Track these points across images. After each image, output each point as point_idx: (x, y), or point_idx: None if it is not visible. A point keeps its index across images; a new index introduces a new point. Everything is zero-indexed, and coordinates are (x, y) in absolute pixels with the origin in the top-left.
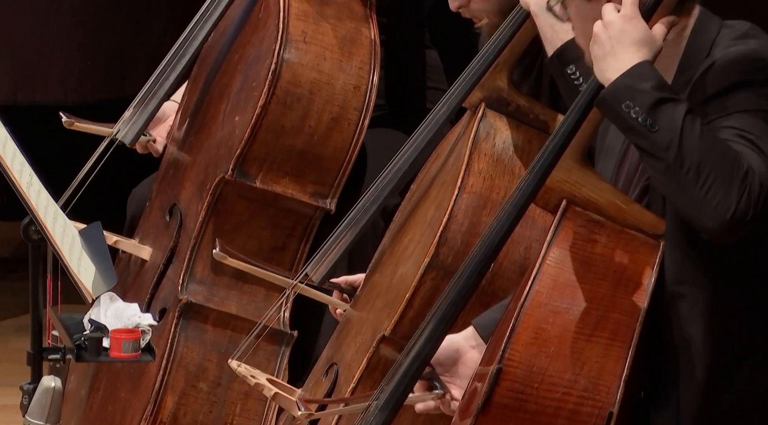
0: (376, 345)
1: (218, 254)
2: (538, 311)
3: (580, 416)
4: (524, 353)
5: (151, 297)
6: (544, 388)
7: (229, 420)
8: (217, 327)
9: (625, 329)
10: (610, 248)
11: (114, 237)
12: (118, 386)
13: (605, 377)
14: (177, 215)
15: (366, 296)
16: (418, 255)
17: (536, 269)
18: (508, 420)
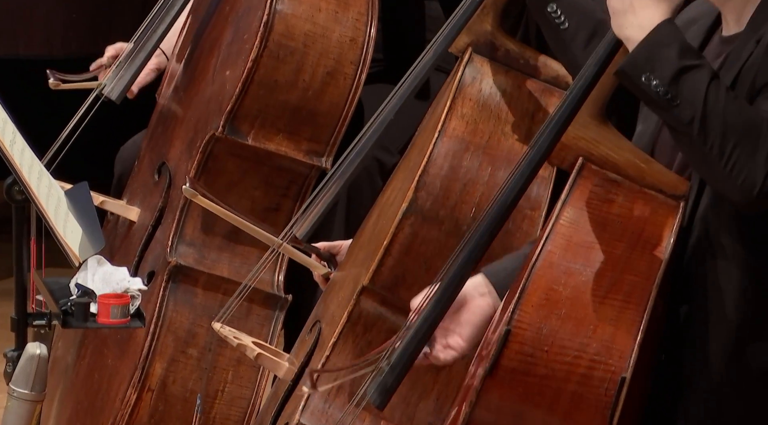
0: (356, 298)
1: (187, 191)
2: (550, 272)
3: (591, 381)
4: (534, 315)
5: (139, 260)
6: (555, 351)
7: (221, 387)
8: (208, 290)
9: (640, 291)
10: (627, 208)
11: (100, 197)
12: (104, 352)
13: (619, 341)
14: (166, 175)
15: (350, 252)
16: (398, 202)
17: (549, 228)
18: (516, 384)
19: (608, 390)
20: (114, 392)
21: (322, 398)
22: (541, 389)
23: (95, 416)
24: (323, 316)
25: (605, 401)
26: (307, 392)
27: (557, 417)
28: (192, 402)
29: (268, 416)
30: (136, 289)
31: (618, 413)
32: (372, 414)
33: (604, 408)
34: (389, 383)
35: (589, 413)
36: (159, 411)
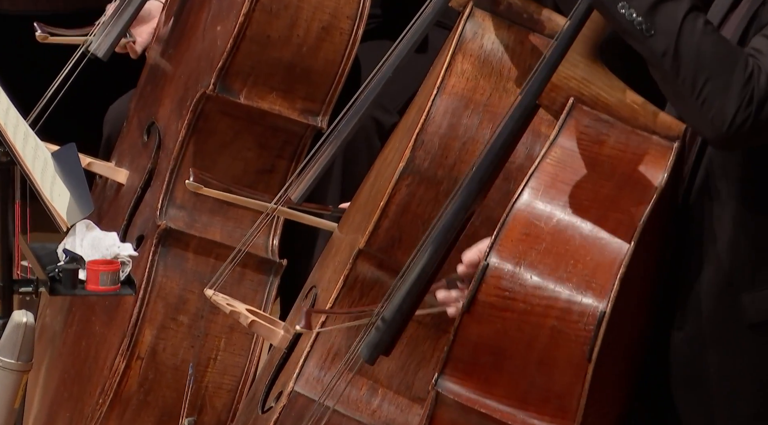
0: (352, 262)
1: (192, 185)
2: (532, 208)
3: (570, 316)
4: (513, 249)
5: (128, 224)
6: (533, 286)
7: (213, 355)
8: (199, 255)
9: (625, 228)
10: (618, 149)
11: (87, 159)
12: (92, 320)
13: (599, 276)
14: (155, 135)
15: (348, 215)
16: (395, 162)
17: (534, 166)
18: (494, 320)
19: (587, 324)
20: (102, 360)
21: (317, 365)
22: (520, 324)
23: (83, 385)
24: (319, 281)
25: (584, 336)
26: (299, 330)
27: (536, 353)
28: (183, 371)
29: (262, 385)
30: (126, 255)
31: (597, 348)
32: (370, 381)
33: (583, 344)
34: (380, 338)
35: (568, 348)
36: (149, 379)
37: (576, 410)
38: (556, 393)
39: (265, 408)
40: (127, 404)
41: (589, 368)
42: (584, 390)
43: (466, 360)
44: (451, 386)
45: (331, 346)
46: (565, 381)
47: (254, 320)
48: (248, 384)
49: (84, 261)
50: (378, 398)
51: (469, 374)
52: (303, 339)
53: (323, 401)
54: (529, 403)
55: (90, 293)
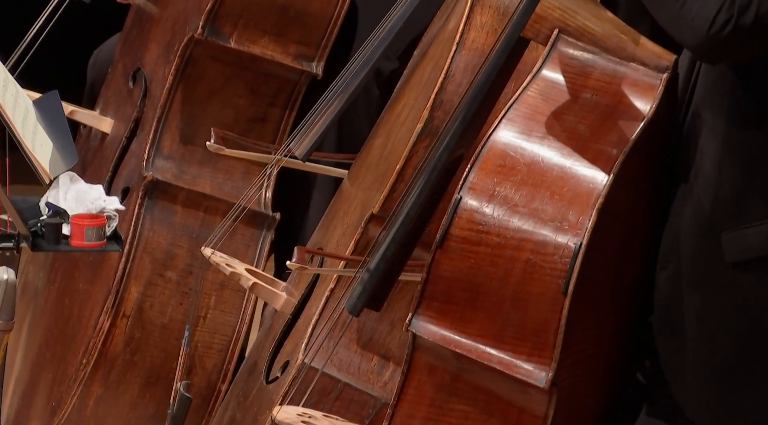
0: (364, 225)
1: (213, 147)
2: (508, 138)
3: (546, 248)
4: (487, 181)
5: (113, 175)
6: (507, 218)
7: (203, 314)
8: (188, 208)
9: (606, 159)
10: (603, 81)
11: (70, 107)
12: (75, 276)
13: (576, 207)
14: (141, 81)
15: (356, 172)
16: (411, 121)
17: (514, 98)
18: (467, 255)
19: (563, 257)
20: (86, 318)
21: (327, 335)
22: (494, 259)
23: (66, 344)
24: (326, 243)
25: (559, 269)
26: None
27: (510, 288)
28: (171, 330)
29: (265, 351)
30: (112, 209)
31: (573, 282)
32: (381, 352)
33: (558, 277)
34: (364, 288)
35: (543, 282)
36: (135, 338)
37: (553, 347)
38: (532, 330)
39: (270, 378)
40: (113, 364)
41: (565, 302)
42: (560, 326)
43: (439, 297)
44: (425, 325)
45: (341, 314)
46: (541, 316)
47: (256, 282)
48: (239, 343)
49: (68, 215)
50: (389, 369)
51: (444, 312)
52: (310, 306)
53: (334, 374)
54: (505, 341)
55: (74, 249)
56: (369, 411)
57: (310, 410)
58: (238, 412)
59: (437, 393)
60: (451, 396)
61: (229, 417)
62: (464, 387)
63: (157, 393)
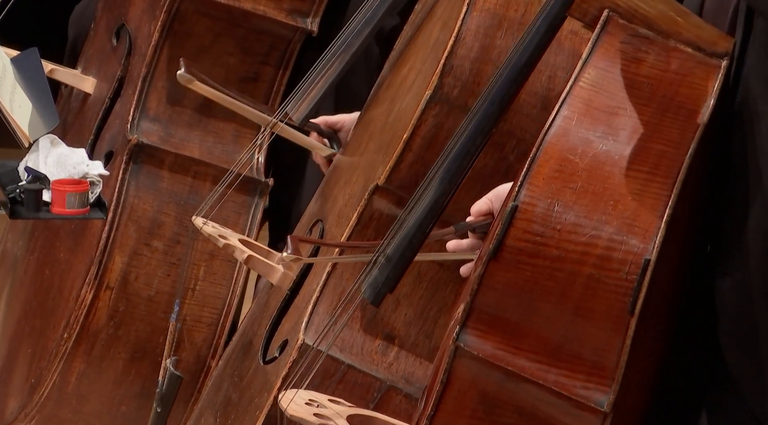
0: (368, 197)
1: (183, 77)
2: (565, 140)
3: (610, 263)
4: (545, 188)
5: (96, 138)
6: (568, 230)
7: (191, 285)
8: (175, 173)
9: (669, 162)
10: (659, 68)
11: (50, 65)
12: (56, 245)
13: (642, 217)
14: (126, 38)
15: (357, 139)
16: (418, 87)
17: (566, 91)
18: (523, 267)
19: (629, 274)
20: (67, 290)
21: (328, 313)
22: (552, 273)
23: (46, 317)
24: (326, 215)
25: (626, 286)
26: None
27: (570, 304)
28: (158, 302)
29: (261, 329)
30: (96, 174)
31: (641, 300)
32: (385, 331)
33: (625, 295)
34: (386, 277)
35: (608, 300)
36: (119, 311)
37: (615, 369)
38: (592, 350)
39: (267, 358)
40: (95, 339)
41: (631, 322)
42: (625, 347)
43: (491, 311)
44: (473, 340)
45: (343, 290)
46: (603, 336)
47: (251, 255)
48: (230, 316)
49: (48, 181)
50: (395, 349)
51: (495, 327)
52: (310, 282)
53: (336, 355)
54: (562, 360)
55: (56, 216)
56: (374, 394)
57: (316, 394)
58: (234, 393)
59: (479, 404)
60: (495, 408)
61: (223, 397)
62: (509, 402)
63: (142, 369)
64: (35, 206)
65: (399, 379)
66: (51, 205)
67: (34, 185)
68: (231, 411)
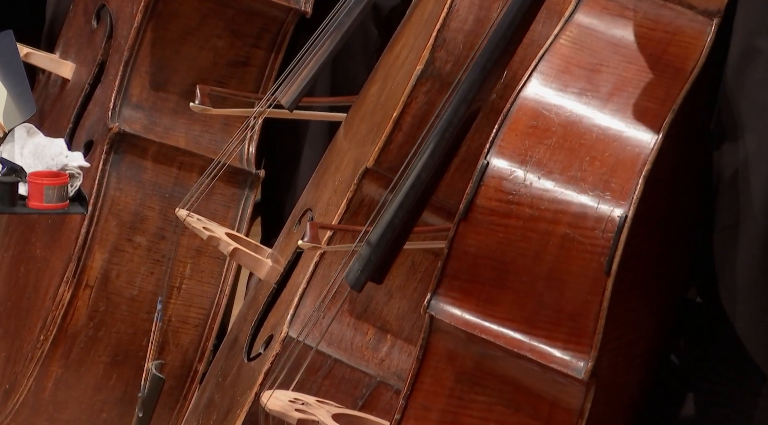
0: (357, 181)
1: (198, 108)
2: (540, 96)
3: (585, 221)
4: (518, 144)
5: (74, 127)
6: (541, 187)
7: (177, 284)
8: (160, 164)
9: (652, 118)
10: (646, 27)
11: (25, 49)
12: (32, 241)
13: (620, 174)
14: (106, 20)
15: (350, 122)
16: (410, 63)
17: (545, 48)
18: (495, 228)
19: (605, 232)
20: (44, 289)
21: (315, 305)
22: (525, 233)
23: (21, 318)
24: (315, 203)
25: (602, 245)
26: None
27: (545, 266)
28: (141, 302)
29: (246, 325)
30: (75, 166)
31: (617, 259)
32: (377, 324)
33: (600, 255)
34: (367, 260)
35: (583, 260)
36: (99, 312)
37: (593, 333)
38: (569, 313)
39: (252, 355)
40: (74, 341)
41: (607, 282)
42: (602, 309)
43: (463, 276)
44: (446, 307)
45: (332, 283)
46: (579, 298)
47: (236, 247)
48: (218, 317)
49: (25, 173)
50: (387, 344)
51: (468, 293)
52: (297, 274)
53: (323, 349)
54: (538, 326)
55: (32, 211)
56: (362, 391)
57: (302, 395)
58: (216, 394)
59: (457, 383)
60: (474, 386)
61: (206, 399)
62: (488, 376)
63: (124, 374)
64: (10, 200)
65: (390, 375)
66: (27, 199)
67: (10, 178)
68: (212, 411)
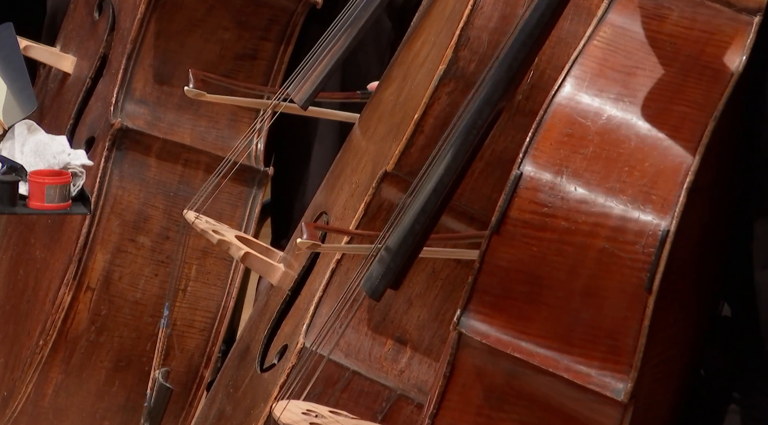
0: (376, 185)
1: (192, 92)
2: (575, 102)
3: (625, 235)
4: (553, 154)
5: (75, 123)
6: (578, 199)
7: (182, 286)
8: (164, 161)
9: (692, 124)
10: (683, 26)
11: (25, 42)
12: (31, 242)
13: (661, 185)
14: (108, 11)
15: (366, 122)
16: (431, 62)
17: (578, 50)
18: (530, 242)
19: (646, 247)
20: (44, 292)
21: (331, 314)
22: (561, 247)
23: (20, 322)
24: (331, 206)
25: (642, 261)
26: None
27: (581, 282)
28: (144, 305)
29: (259, 334)
30: (78, 164)
31: (659, 275)
32: (396, 334)
33: (641, 270)
34: (386, 269)
35: (622, 276)
36: (101, 315)
37: (633, 352)
38: (607, 331)
39: (265, 366)
40: (75, 346)
41: (648, 300)
42: (643, 328)
43: (495, 292)
44: (477, 325)
45: (349, 290)
46: (618, 315)
47: (248, 252)
48: (225, 320)
49: (25, 172)
50: (406, 355)
51: (499, 309)
52: (312, 280)
53: (340, 360)
54: (574, 344)
55: (33, 211)
56: (382, 404)
57: (316, 406)
58: (228, 405)
59: (485, 401)
60: (503, 404)
61: (217, 410)
62: (518, 395)
63: (127, 380)
64: (10, 200)
65: (411, 388)
66: (28, 199)
67: (10, 177)
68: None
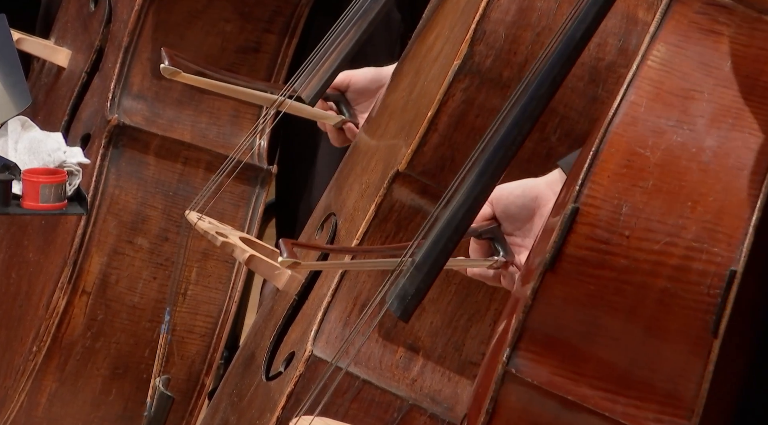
0: (387, 186)
1: (168, 70)
2: (633, 130)
3: (689, 275)
4: (611, 187)
5: (70, 119)
6: (639, 236)
7: (182, 290)
8: (163, 159)
9: (758, 156)
10: (740, 43)
11: (17, 35)
12: (24, 244)
13: (726, 221)
14: (105, 3)
15: (377, 119)
16: (445, 57)
17: (633, 71)
18: (586, 280)
19: (711, 287)
20: (37, 296)
21: (341, 320)
22: (620, 286)
23: (13, 328)
24: (340, 208)
25: (707, 302)
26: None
27: (641, 323)
28: (143, 309)
29: (264, 341)
30: (74, 163)
31: (725, 318)
32: (408, 342)
33: (706, 312)
34: (414, 288)
35: (685, 318)
36: (98, 320)
37: (694, 398)
38: (667, 377)
39: (271, 374)
40: (70, 352)
41: (713, 344)
42: (707, 373)
43: (547, 331)
44: (527, 365)
45: (358, 295)
46: (680, 359)
47: (253, 255)
48: (227, 325)
49: (19, 170)
50: (418, 363)
51: (552, 349)
52: (320, 285)
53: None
54: (631, 388)
55: (28, 212)
56: (394, 415)
57: (333, 421)
58: (232, 415)
59: None
60: None
61: (220, 420)
62: None
63: (125, 388)
64: (3, 200)
65: (423, 397)
66: (22, 198)
67: (3, 176)
68: None
